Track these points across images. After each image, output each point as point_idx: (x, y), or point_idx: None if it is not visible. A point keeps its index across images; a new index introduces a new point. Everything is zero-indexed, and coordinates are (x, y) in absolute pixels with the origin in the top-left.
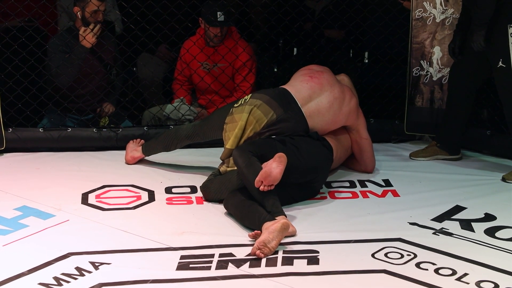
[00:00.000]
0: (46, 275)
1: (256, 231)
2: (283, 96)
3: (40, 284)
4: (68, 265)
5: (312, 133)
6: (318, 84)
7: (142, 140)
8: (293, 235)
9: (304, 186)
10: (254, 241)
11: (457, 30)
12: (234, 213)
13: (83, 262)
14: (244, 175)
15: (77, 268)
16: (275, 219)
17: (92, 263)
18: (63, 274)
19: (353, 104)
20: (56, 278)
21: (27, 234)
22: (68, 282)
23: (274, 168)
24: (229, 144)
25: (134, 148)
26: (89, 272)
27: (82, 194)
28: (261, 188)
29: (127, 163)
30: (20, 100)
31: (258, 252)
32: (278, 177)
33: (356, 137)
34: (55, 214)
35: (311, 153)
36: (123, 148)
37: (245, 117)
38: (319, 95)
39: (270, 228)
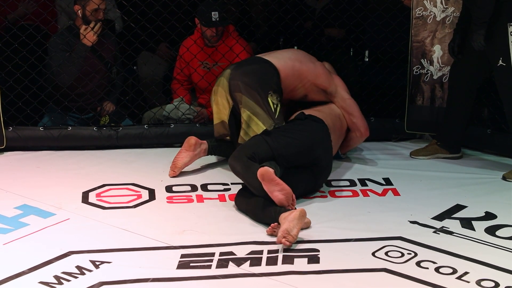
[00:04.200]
0: (47, 273)
1: (272, 224)
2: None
3: (41, 282)
4: (68, 264)
5: (298, 115)
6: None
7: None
8: (308, 226)
9: (314, 168)
10: (254, 241)
11: (457, 29)
12: (246, 209)
13: (84, 260)
14: (245, 179)
15: (78, 267)
16: (289, 209)
17: (93, 262)
18: (63, 272)
19: (319, 65)
20: (56, 277)
21: (27, 232)
22: (68, 280)
23: (278, 195)
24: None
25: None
26: (90, 270)
27: (83, 192)
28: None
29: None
30: (20, 98)
31: (284, 240)
32: (290, 193)
33: (339, 101)
34: (55, 212)
35: (301, 130)
36: (123, 146)
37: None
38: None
39: (289, 217)
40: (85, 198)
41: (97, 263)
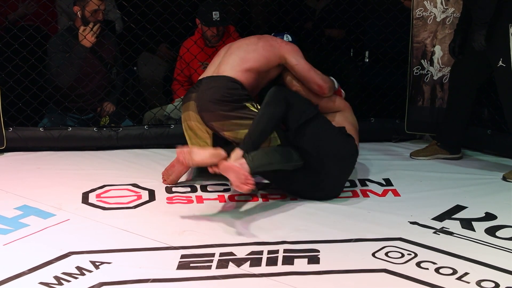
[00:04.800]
0: (47, 274)
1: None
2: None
3: (41, 283)
4: (68, 264)
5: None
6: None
7: None
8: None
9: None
10: (254, 242)
11: (458, 29)
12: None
13: (84, 261)
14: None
15: (78, 268)
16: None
17: (93, 262)
18: (63, 273)
19: (261, 47)
20: (56, 278)
21: (27, 233)
22: (68, 281)
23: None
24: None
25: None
26: (90, 271)
27: (83, 193)
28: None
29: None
30: (20, 99)
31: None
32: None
33: (291, 69)
34: (55, 213)
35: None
36: (123, 147)
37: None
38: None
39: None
40: (85, 198)
41: (97, 263)
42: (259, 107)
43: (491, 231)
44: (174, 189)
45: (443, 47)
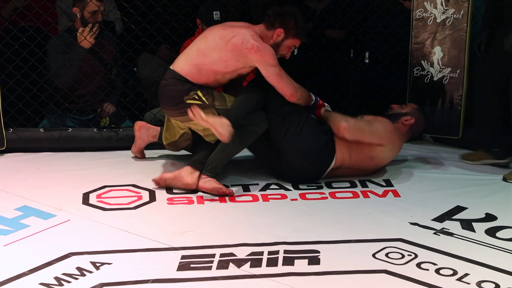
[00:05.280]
0: (47, 275)
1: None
2: None
3: (41, 284)
4: (69, 265)
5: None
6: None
7: None
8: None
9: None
10: (254, 243)
11: (484, 26)
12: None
13: (84, 262)
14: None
15: (78, 268)
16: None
17: (93, 263)
18: (64, 274)
19: (231, 45)
20: (57, 278)
21: (28, 234)
22: (69, 282)
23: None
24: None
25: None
26: (90, 272)
27: (83, 194)
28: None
29: None
30: (20, 100)
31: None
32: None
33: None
34: (56, 214)
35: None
36: (123, 148)
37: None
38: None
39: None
40: (85, 199)
41: (98, 264)
42: (206, 95)
43: (491, 232)
44: (174, 190)
45: (443, 48)
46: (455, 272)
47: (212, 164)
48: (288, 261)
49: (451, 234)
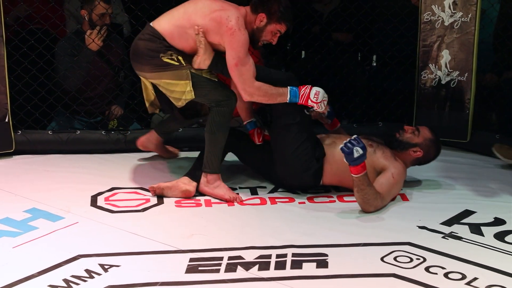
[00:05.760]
0: (56, 277)
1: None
2: None
3: (50, 286)
4: (77, 267)
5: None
6: None
7: None
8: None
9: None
10: (262, 246)
11: None
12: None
13: (93, 264)
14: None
15: (87, 270)
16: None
17: (102, 265)
18: (72, 276)
19: (217, 15)
20: (65, 280)
21: (36, 236)
22: (77, 284)
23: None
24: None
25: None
26: (99, 274)
27: (91, 196)
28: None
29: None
30: (29, 102)
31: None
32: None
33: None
34: (64, 216)
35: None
36: (131, 150)
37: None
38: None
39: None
40: (93, 201)
41: (106, 266)
42: (179, 57)
43: (500, 236)
44: None
45: (451, 51)
46: (464, 276)
47: (208, 161)
48: (296, 264)
49: (459, 238)
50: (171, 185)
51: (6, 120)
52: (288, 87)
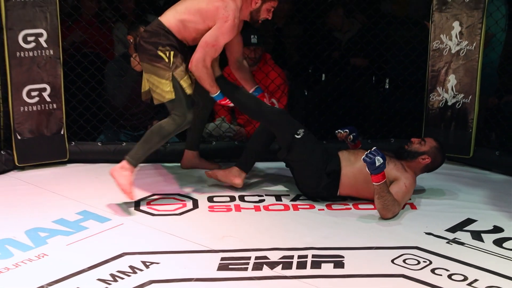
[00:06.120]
0: (104, 272)
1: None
2: None
3: (99, 279)
4: (122, 264)
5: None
6: None
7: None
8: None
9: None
10: (286, 247)
11: None
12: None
13: (136, 261)
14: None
15: (131, 267)
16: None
17: (144, 262)
18: (118, 271)
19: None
20: (112, 275)
21: (87, 235)
22: (122, 278)
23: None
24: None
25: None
26: (141, 270)
27: (135, 201)
28: None
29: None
30: (82, 117)
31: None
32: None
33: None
34: (111, 218)
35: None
36: (170, 161)
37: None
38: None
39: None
40: (137, 206)
41: (147, 263)
42: (171, 53)
43: (498, 242)
44: (215, 199)
45: (457, 76)
46: (465, 278)
47: (134, 153)
48: (316, 265)
49: (462, 244)
50: (224, 174)
51: (62, 133)
52: (219, 90)
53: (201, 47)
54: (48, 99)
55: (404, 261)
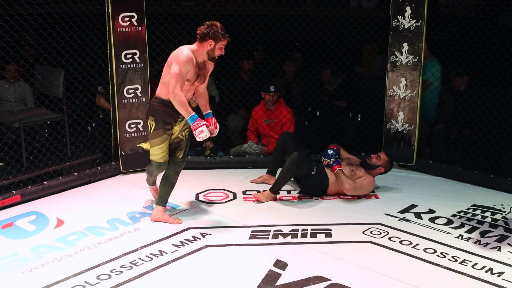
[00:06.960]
0: (176, 239)
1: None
2: None
3: (173, 245)
4: (187, 235)
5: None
6: None
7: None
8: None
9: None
10: (293, 223)
11: None
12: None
13: (196, 233)
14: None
15: (193, 236)
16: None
17: (202, 234)
18: (185, 239)
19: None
20: (181, 242)
21: None
22: (187, 244)
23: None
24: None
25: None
26: (199, 238)
27: (196, 194)
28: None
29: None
30: None
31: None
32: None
33: None
34: (179, 205)
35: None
36: (219, 168)
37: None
38: None
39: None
40: (197, 196)
41: (204, 234)
42: (153, 126)
43: (432, 220)
44: (247, 192)
45: (404, 113)
46: (411, 243)
47: (161, 197)
48: (313, 235)
49: (408, 221)
50: (263, 194)
51: None
52: (193, 113)
53: (170, 79)
54: (141, 129)
55: (371, 232)
